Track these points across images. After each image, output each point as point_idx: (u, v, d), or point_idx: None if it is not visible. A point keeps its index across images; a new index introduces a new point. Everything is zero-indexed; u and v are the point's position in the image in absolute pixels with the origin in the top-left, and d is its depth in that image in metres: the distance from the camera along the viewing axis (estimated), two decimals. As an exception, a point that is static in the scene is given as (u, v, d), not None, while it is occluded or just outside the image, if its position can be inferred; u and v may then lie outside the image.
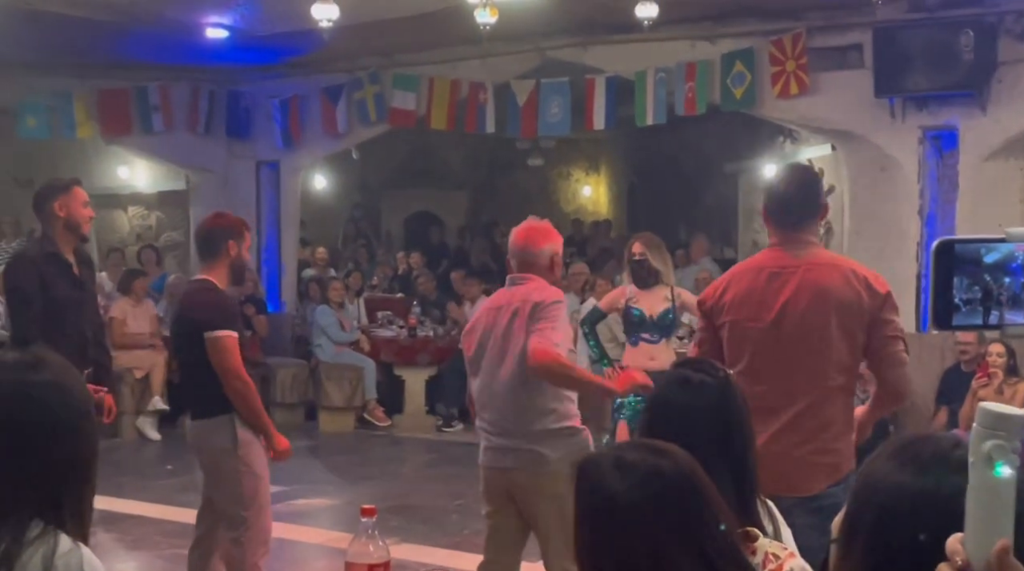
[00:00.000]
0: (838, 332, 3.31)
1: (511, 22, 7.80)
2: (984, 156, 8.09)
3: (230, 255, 4.39)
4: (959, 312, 1.29)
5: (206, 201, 11.61)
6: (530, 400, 3.93)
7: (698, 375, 2.26)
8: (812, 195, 3.52)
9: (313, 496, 7.61)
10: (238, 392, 4.23)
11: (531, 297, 3.94)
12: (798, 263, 3.38)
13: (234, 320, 4.39)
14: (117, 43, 9.68)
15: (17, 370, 1.62)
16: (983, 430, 1.17)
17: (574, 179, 17.36)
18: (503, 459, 3.99)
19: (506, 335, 3.96)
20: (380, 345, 10.58)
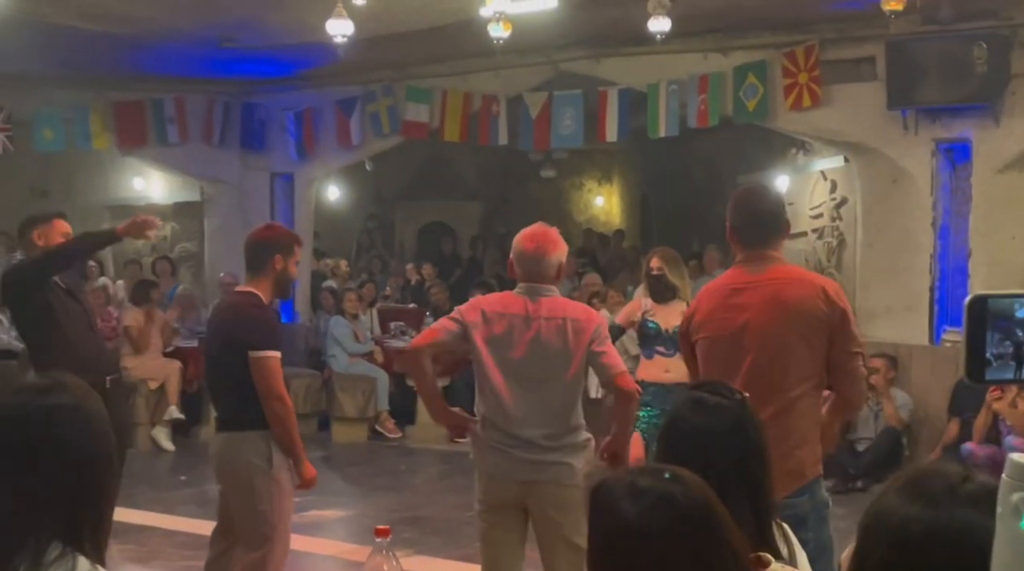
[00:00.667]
0: (799, 343, 3.40)
1: (524, 35, 7.83)
2: (997, 168, 8.08)
3: (275, 269, 4.33)
4: (991, 366, 1.29)
5: (220, 212, 11.70)
6: (574, 415, 3.94)
7: (714, 397, 2.26)
8: (779, 213, 3.63)
9: (326, 508, 7.62)
10: (277, 414, 4.18)
11: (579, 315, 3.93)
12: (760, 278, 3.48)
13: (279, 339, 4.33)
14: (133, 56, 9.76)
15: (37, 393, 1.64)
16: (1012, 482, 1.16)
17: (587, 190, 17.38)
18: (530, 472, 3.88)
19: (555, 350, 3.87)
20: (393, 356, 10.60)
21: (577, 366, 3.89)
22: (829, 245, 10.38)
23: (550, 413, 3.91)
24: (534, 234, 4.07)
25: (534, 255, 4.02)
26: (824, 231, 10.52)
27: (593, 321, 3.94)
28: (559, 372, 3.89)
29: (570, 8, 7.97)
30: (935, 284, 8.40)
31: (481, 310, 4.02)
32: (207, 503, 7.64)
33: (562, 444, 3.91)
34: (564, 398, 3.91)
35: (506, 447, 3.96)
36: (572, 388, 3.91)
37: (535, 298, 3.97)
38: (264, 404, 4.17)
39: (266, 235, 4.47)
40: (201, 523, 7.14)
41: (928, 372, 8.28)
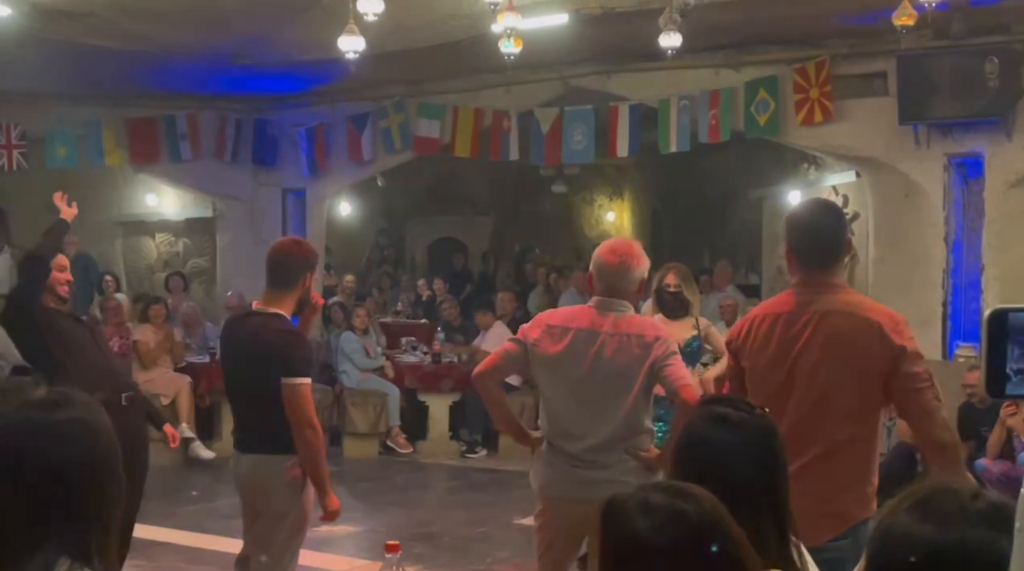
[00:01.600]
0: (850, 383, 3.22)
1: (535, 51, 7.85)
2: (1010, 183, 8.06)
3: (304, 287, 4.25)
4: (1010, 381, 1.28)
5: (233, 228, 11.74)
6: (636, 435, 3.86)
7: (737, 413, 2.24)
8: (841, 233, 3.40)
9: (337, 523, 7.55)
10: (308, 442, 4.09)
11: (647, 331, 3.86)
12: (815, 309, 3.28)
13: (310, 364, 4.26)
14: (146, 73, 9.82)
15: (44, 408, 1.65)
16: None
17: (597, 205, 17.39)
18: (589, 491, 3.71)
19: (621, 366, 3.81)
20: (404, 371, 10.61)
21: (640, 384, 3.79)
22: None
23: (610, 431, 3.83)
24: (617, 247, 3.98)
25: (617, 269, 3.92)
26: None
27: (660, 337, 3.84)
28: (622, 389, 3.81)
29: (581, 24, 8.00)
30: (948, 299, 8.37)
31: (545, 325, 3.97)
32: (218, 518, 7.65)
33: (623, 463, 3.83)
34: (626, 416, 3.81)
35: (565, 465, 3.91)
36: (635, 407, 3.81)
37: (605, 313, 3.89)
38: (295, 432, 4.08)
39: (298, 252, 4.33)
40: (212, 538, 7.15)
41: (941, 387, 8.21)
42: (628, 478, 3.74)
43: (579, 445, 3.86)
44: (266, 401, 4.10)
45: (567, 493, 3.87)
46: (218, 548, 6.99)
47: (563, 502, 3.89)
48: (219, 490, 8.53)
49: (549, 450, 3.97)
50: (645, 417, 3.86)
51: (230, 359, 4.43)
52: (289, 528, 4.19)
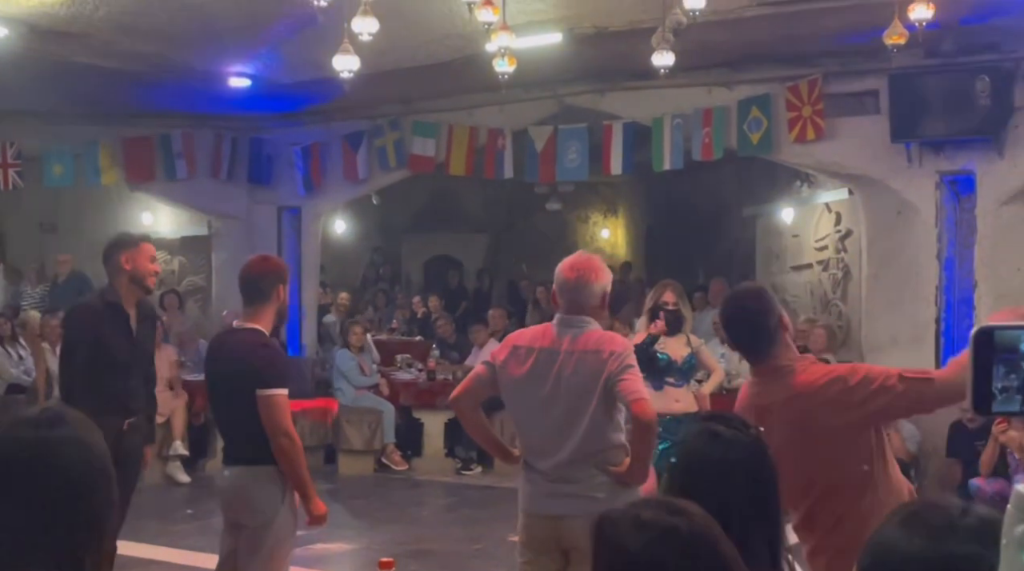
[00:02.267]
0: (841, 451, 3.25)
1: (529, 69, 7.89)
2: (1002, 200, 8.10)
3: (279, 299, 4.34)
4: (996, 399, 1.30)
5: (228, 246, 11.76)
6: (603, 449, 3.86)
7: (730, 430, 2.26)
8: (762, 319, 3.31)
9: (331, 541, 7.59)
10: (285, 451, 4.17)
11: (604, 346, 3.84)
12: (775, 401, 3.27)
13: (288, 377, 4.31)
14: (142, 92, 9.86)
15: (37, 426, 1.66)
16: (1017, 513, 1.17)
17: (592, 222, 17.44)
18: (559, 506, 3.86)
19: (580, 383, 3.82)
20: (399, 388, 10.61)
21: (598, 399, 3.81)
22: (835, 277, 10.40)
23: (575, 447, 3.85)
24: (576, 263, 3.99)
25: (576, 285, 3.94)
26: (829, 263, 10.54)
27: (615, 352, 3.82)
28: (582, 406, 3.83)
29: (574, 43, 8.06)
30: (940, 316, 8.40)
31: (512, 346, 4.02)
32: (213, 536, 7.58)
33: (591, 478, 3.85)
34: (588, 432, 3.83)
35: (539, 481, 3.95)
36: (595, 422, 3.82)
37: (567, 330, 3.93)
38: (272, 442, 4.16)
39: (267, 267, 4.44)
40: (208, 557, 7.09)
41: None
42: (598, 493, 3.81)
43: (548, 462, 3.91)
44: (245, 414, 4.19)
45: (541, 509, 3.92)
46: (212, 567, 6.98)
47: (538, 518, 3.94)
48: (214, 508, 8.43)
49: (525, 467, 4.03)
50: (611, 432, 3.86)
51: (213, 375, 4.51)
52: (274, 538, 4.22)
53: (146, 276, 5.07)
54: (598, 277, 3.97)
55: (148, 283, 5.10)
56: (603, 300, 3.99)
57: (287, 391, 4.24)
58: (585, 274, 3.95)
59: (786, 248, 11.59)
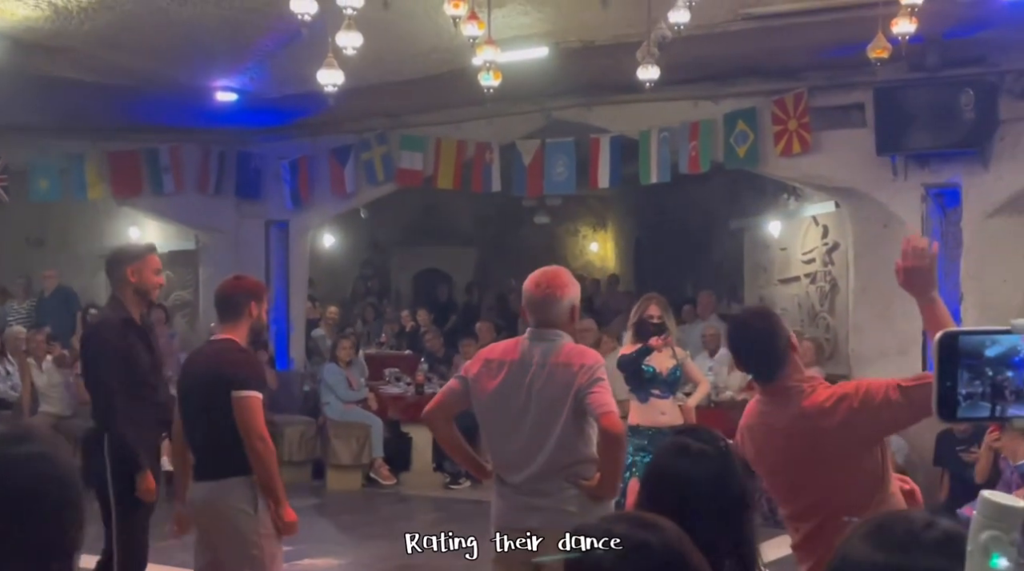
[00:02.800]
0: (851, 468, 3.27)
1: (516, 83, 7.89)
2: (987, 213, 8.13)
3: (251, 317, 4.38)
4: (960, 405, 1.29)
5: (216, 261, 11.73)
6: (574, 462, 3.84)
7: (698, 444, 2.26)
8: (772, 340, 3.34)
9: (319, 556, 7.56)
10: (259, 454, 4.18)
11: (574, 359, 3.82)
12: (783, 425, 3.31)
13: (262, 381, 4.36)
14: (128, 106, 9.84)
15: (3, 443, 1.65)
16: (983, 520, 1.17)
17: (581, 235, 17.46)
18: (531, 520, 3.83)
19: (550, 396, 3.81)
20: (387, 402, 10.59)
21: (567, 413, 3.79)
22: (822, 290, 10.41)
23: (545, 461, 3.84)
24: (541, 279, 3.97)
25: (543, 300, 3.93)
26: (817, 276, 10.56)
27: (584, 365, 3.81)
28: (552, 419, 3.82)
29: (561, 57, 8.07)
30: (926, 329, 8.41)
31: (484, 360, 4.02)
32: (196, 551, 7.59)
33: (562, 491, 3.84)
34: (558, 445, 3.82)
35: (511, 496, 3.94)
36: (566, 435, 3.81)
37: (537, 344, 3.92)
38: (246, 444, 4.17)
39: (237, 285, 4.49)
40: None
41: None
42: (569, 507, 3.79)
43: (519, 476, 3.90)
44: (219, 422, 4.21)
45: (513, 523, 3.90)
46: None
47: (510, 532, 3.88)
48: (199, 524, 8.46)
49: (496, 482, 4.03)
50: (582, 445, 3.83)
51: (185, 387, 4.50)
52: (254, 549, 4.20)
53: (151, 289, 5.03)
54: (564, 292, 3.95)
55: (152, 296, 5.09)
56: (572, 314, 3.98)
57: (261, 395, 4.26)
58: (552, 290, 3.94)
59: (774, 261, 11.61)
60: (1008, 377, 1.27)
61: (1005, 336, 1.28)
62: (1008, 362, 1.27)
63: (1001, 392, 1.28)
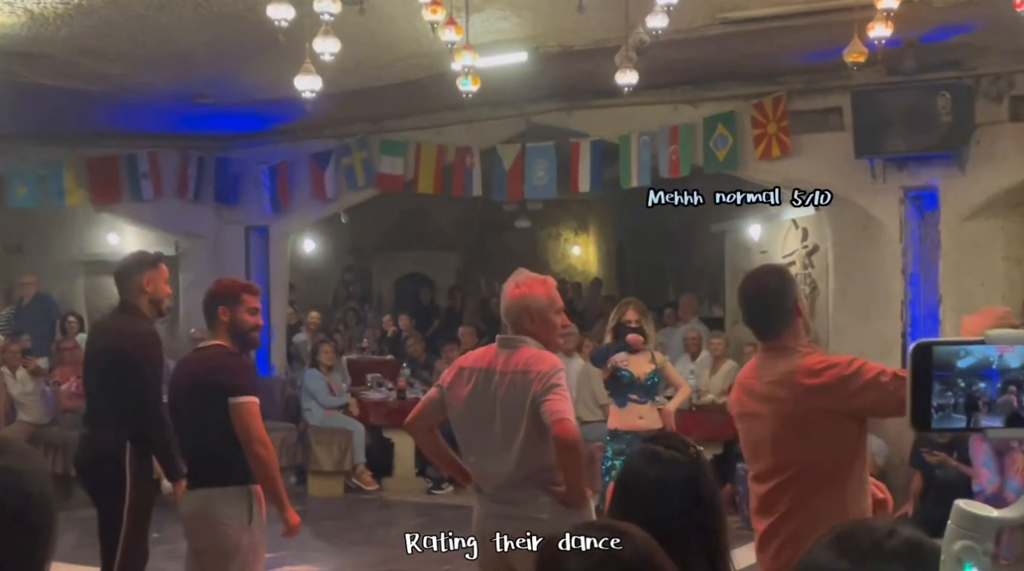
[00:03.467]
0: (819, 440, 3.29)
1: (496, 88, 7.90)
2: (965, 215, 8.18)
3: (223, 321, 4.32)
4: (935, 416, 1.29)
5: (196, 267, 11.68)
6: (538, 469, 3.82)
7: (668, 451, 2.27)
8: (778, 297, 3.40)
9: (301, 563, 7.53)
10: (261, 459, 4.15)
11: (531, 366, 3.79)
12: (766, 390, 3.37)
13: (256, 386, 4.31)
14: (106, 112, 9.79)
15: None
16: (956, 529, 1.18)
17: (563, 239, 17.48)
18: (504, 527, 3.84)
19: (511, 404, 3.80)
20: (369, 408, 10.56)
21: (527, 420, 3.77)
22: (802, 292, 10.45)
23: (511, 469, 3.84)
24: (520, 281, 3.98)
25: (516, 306, 3.93)
26: (797, 279, 10.59)
27: (541, 372, 3.77)
28: (516, 427, 3.81)
29: (540, 62, 8.07)
30: (906, 330, 8.46)
31: (458, 368, 4.02)
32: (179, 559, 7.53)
33: (532, 499, 3.83)
34: (522, 453, 3.80)
35: (486, 503, 3.94)
36: (528, 443, 3.79)
37: (503, 351, 3.91)
38: (246, 449, 4.13)
39: (211, 290, 4.46)
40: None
41: (902, 419, 8.30)
42: (541, 514, 3.78)
43: (491, 484, 3.91)
44: (213, 430, 4.17)
45: (488, 530, 3.90)
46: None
47: (487, 540, 3.92)
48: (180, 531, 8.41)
49: (474, 488, 4.04)
50: (548, 452, 3.79)
51: (177, 395, 4.46)
52: (243, 561, 4.20)
53: (164, 298, 5.01)
54: (540, 296, 3.95)
55: (163, 306, 5.02)
56: (549, 319, 3.96)
57: (258, 399, 4.22)
58: (527, 293, 3.94)
59: (754, 264, 11.61)
60: (981, 388, 1.27)
61: (978, 347, 1.28)
62: (980, 373, 1.27)
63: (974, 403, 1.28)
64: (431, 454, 4.30)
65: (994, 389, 1.27)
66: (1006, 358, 1.27)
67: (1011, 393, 1.27)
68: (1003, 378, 1.27)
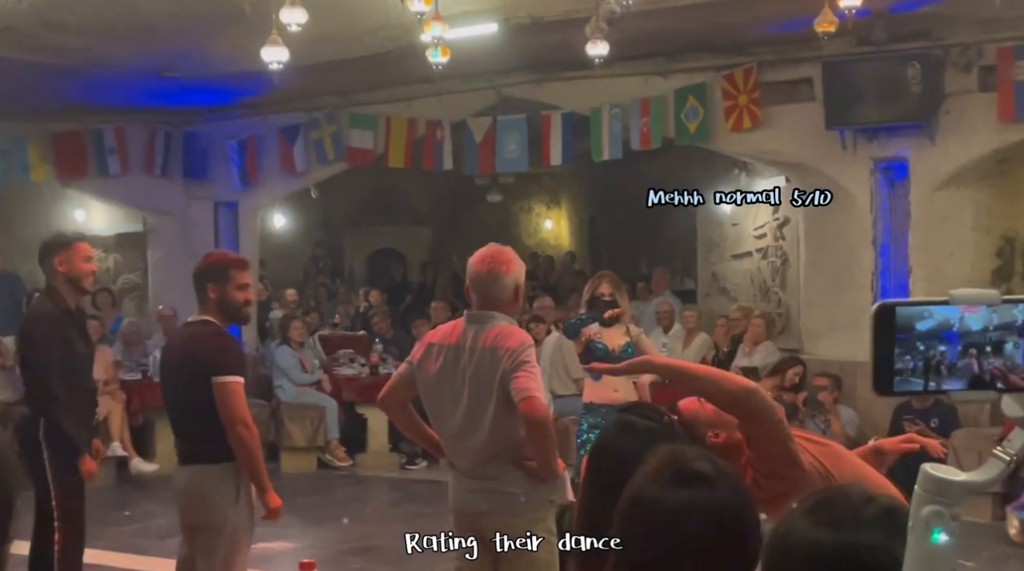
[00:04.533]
0: None
1: (466, 60, 7.83)
2: (934, 186, 8.22)
3: (211, 298, 4.30)
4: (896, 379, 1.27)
5: (164, 243, 11.57)
6: (508, 446, 3.80)
7: (643, 421, 2.25)
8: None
9: (274, 539, 7.49)
10: (242, 440, 4.14)
11: (500, 343, 3.76)
12: None
13: (242, 365, 4.29)
14: (71, 86, 9.64)
15: None
16: (924, 494, 1.17)
17: (535, 213, 17.45)
18: (479, 502, 3.84)
19: (480, 381, 3.78)
20: (342, 384, 10.52)
21: (496, 396, 3.75)
22: (773, 265, 10.49)
23: (482, 444, 3.82)
24: (486, 255, 3.92)
25: (486, 278, 3.87)
26: (768, 251, 10.63)
27: (510, 348, 3.74)
28: (485, 404, 3.79)
29: (510, 33, 8.01)
30: (877, 301, 8.50)
31: (428, 344, 3.98)
32: (152, 538, 7.51)
33: (505, 474, 3.82)
34: (493, 429, 3.79)
35: (461, 478, 3.94)
36: (499, 419, 3.77)
37: (472, 326, 3.88)
38: (228, 430, 4.13)
39: (199, 266, 4.43)
40: (147, 559, 7.02)
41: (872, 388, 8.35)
42: (513, 488, 3.78)
43: (464, 460, 3.90)
44: (201, 407, 4.16)
45: (463, 506, 3.92)
46: (152, 569, 6.87)
47: (463, 515, 3.93)
48: (153, 510, 8.38)
49: (449, 465, 4.03)
50: (518, 428, 3.77)
51: (165, 372, 4.52)
52: (229, 539, 4.18)
53: (82, 277, 4.99)
54: (509, 270, 3.89)
55: (85, 284, 5.04)
56: (516, 293, 3.92)
57: (243, 379, 4.22)
58: (496, 267, 3.88)
59: (726, 237, 11.67)
60: (941, 352, 1.25)
61: (940, 308, 1.26)
62: (940, 336, 1.25)
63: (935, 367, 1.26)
64: (405, 429, 4.27)
65: (954, 352, 1.25)
66: (967, 320, 1.25)
67: (971, 356, 1.25)
68: (963, 341, 1.25)
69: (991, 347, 1.25)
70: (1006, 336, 1.25)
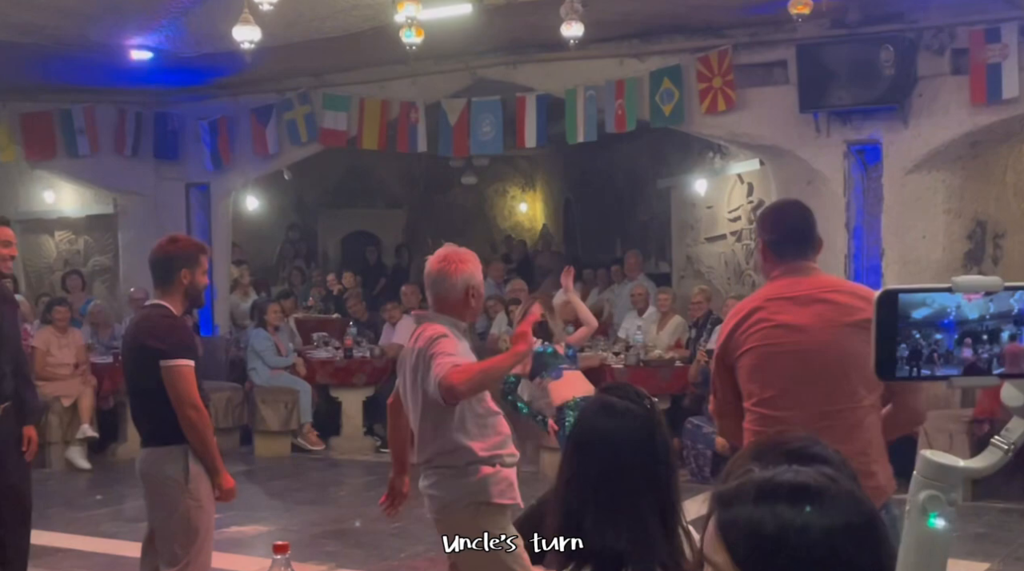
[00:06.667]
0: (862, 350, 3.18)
1: (440, 41, 7.80)
2: (907, 169, 8.25)
3: (183, 284, 4.28)
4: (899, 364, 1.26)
5: (135, 225, 11.47)
6: (446, 442, 3.79)
7: (623, 402, 2.25)
8: (813, 226, 3.51)
9: (248, 523, 7.48)
10: (192, 423, 4.15)
11: (419, 344, 3.79)
12: (811, 288, 3.32)
13: (191, 348, 4.28)
14: (40, 66, 9.51)
15: None
16: (921, 479, 1.16)
17: (510, 196, 17.41)
18: (428, 504, 3.90)
19: (416, 384, 3.83)
20: (316, 367, 10.47)
21: (423, 398, 3.76)
22: (747, 247, 10.52)
23: (421, 445, 3.86)
24: (440, 255, 3.91)
25: (435, 277, 3.87)
26: (742, 234, 10.66)
27: (422, 347, 3.75)
28: (419, 405, 3.82)
29: (485, 14, 7.97)
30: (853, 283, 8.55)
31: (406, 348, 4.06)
32: (124, 522, 7.47)
33: (437, 473, 3.83)
34: (432, 425, 3.81)
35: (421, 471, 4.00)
36: (433, 414, 3.77)
37: (417, 328, 3.91)
38: (178, 413, 4.14)
39: (170, 250, 4.37)
40: (119, 543, 6.97)
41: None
42: (435, 491, 3.81)
43: (416, 458, 3.95)
44: (151, 391, 4.19)
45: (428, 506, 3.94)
46: (124, 553, 6.80)
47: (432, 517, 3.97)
48: (126, 493, 8.33)
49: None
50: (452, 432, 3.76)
51: (123, 356, 4.57)
52: (183, 520, 4.18)
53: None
54: (459, 269, 3.85)
55: (2, 268, 5.02)
56: (466, 294, 3.86)
57: (192, 362, 4.21)
58: (446, 266, 3.85)
59: (700, 219, 11.69)
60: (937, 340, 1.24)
61: (938, 295, 1.25)
62: (936, 324, 1.24)
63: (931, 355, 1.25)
64: (388, 436, 4.35)
65: (951, 341, 1.24)
66: (964, 309, 1.24)
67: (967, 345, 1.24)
68: (960, 329, 1.24)
69: (987, 335, 1.24)
70: (1002, 324, 1.24)
